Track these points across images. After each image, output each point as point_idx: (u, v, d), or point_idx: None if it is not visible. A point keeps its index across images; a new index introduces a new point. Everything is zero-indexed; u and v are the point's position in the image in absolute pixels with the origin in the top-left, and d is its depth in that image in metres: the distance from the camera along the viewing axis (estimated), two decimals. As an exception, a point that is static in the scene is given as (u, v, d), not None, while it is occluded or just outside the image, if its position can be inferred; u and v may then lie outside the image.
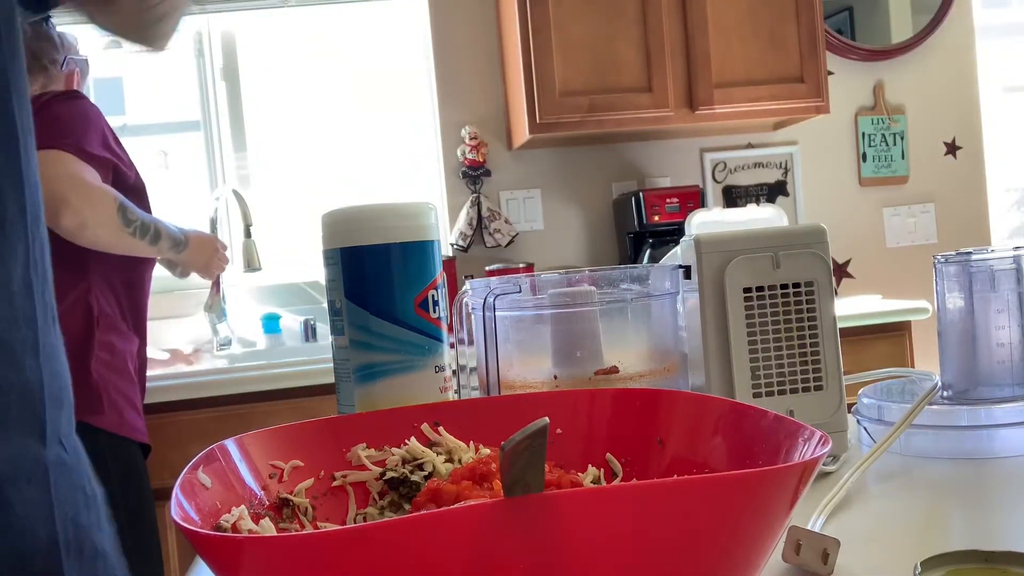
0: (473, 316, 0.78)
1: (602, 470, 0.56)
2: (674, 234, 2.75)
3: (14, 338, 0.46)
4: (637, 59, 2.65)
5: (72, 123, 1.68)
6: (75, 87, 1.88)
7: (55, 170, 1.62)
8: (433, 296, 0.71)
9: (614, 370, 0.74)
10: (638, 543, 0.35)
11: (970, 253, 0.83)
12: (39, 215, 0.51)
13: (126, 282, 1.82)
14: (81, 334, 1.71)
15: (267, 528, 0.48)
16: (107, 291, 1.77)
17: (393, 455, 0.56)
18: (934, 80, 3.17)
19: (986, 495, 0.68)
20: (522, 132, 2.71)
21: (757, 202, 3.04)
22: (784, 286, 0.76)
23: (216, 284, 2.46)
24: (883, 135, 3.14)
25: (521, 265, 2.83)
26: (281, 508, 0.51)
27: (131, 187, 1.80)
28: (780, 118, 2.81)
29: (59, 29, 1.92)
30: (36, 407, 0.46)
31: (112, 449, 1.69)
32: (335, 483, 0.54)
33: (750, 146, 3.09)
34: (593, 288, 0.76)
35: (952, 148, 3.19)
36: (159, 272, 1.96)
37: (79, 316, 1.71)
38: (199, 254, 1.92)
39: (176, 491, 0.42)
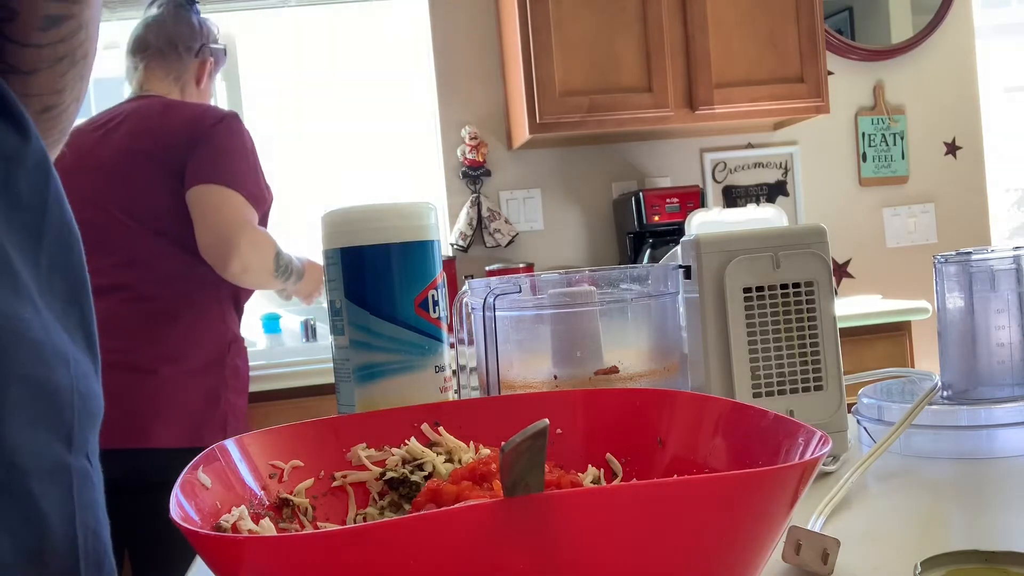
0: (473, 316, 0.78)
1: (602, 470, 0.56)
2: (674, 234, 2.75)
3: (46, 341, 0.46)
4: (637, 59, 2.65)
5: (236, 158, 1.68)
6: (206, 77, 1.87)
7: (228, 214, 1.62)
8: (433, 296, 0.71)
9: (614, 370, 0.74)
10: (638, 543, 0.35)
11: (970, 253, 0.83)
12: (65, 238, 0.51)
13: (243, 301, 1.83)
14: (218, 359, 1.71)
15: (267, 528, 0.48)
16: (233, 312, 1.78)
17: (393, 455, 0.56)
18: (934, 80, 3.17)
19: (986, 495, 0.68)
20: (522, 132, 2.71)
21: (757, 202, 3.04)
22: (784, 286, 0.76)
23: None
24: (883, 135, 3.14)
25: (521, 265, 2.83)
26: (281, 508, 0.51)
27: (269, 206, 1.80)
28: (780, 118, 2.81)
29: (202, 16, 1.89)
30: (65, 412, 0.46)
31: None
32: (335, 483, 0.54)
33: (750, 146, 3.09)
34: (593, 288, 0.76)
35: (952, 148, 3.19)
36: None
37: (217, 340, 1.71)
38: (308, 283, 1.91)
39: (176, 491, 0.42)
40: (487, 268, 2.79)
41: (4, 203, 0.46)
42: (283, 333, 2.79)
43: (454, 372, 0.77)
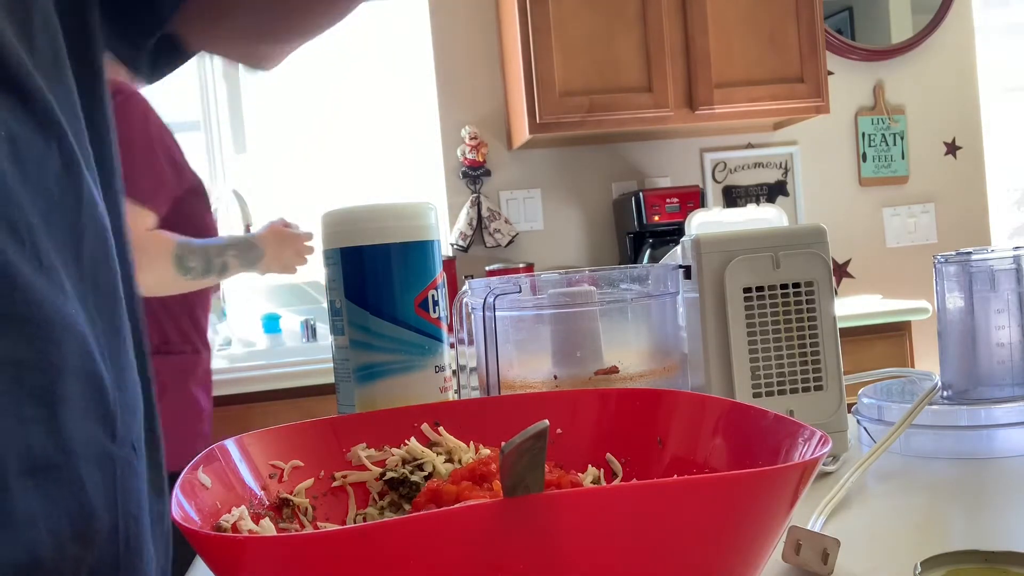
0: (473, 316, 0.78)
1: (602, 470, 0.56)
2: (674, 234, 2.75)
3: (89, 335, 0.47)
4: (637, 59, 2.65)
5: (127, 147, 1.59)
6: None
7: None
8: (433, 296, 0.71)
9: (614, 370, 0.74)
10: (638, 543, 0.35)
11: (970, 253, 0.83)
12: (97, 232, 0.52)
13: (203, 316, 1.71)
14: (166, 393, 1.60)
15: (267, 528, 0.48)
16: (189, 330, 1.66)
17: (393, 455, 0.56)
18: (934, 80, 3.17)
19: (986, 495, 0.68)
20: (522, 132, 2.71)
21: (757, 202, 3.04)
22: (784, 286, 0.76)
23: (216, 284, 2.46)
24: (883, 135, 3.14)
25: (521, 265, 2.83)
26: (281, 508, 0.51)
27: (191, 189, 1.67)
28: (780, 118, 2.81)
29: None
30: (106, 402, 0.48)
31: None
32: (335, 483, 0.54)
33: (750, 146, 3.09)
34: (593, 288, 0.76)
35: (952, 148, 3.19)
36: None
37: (162, 372, 1.58)
38: (275, 256, 1.75)
39: (176, 491, 0.42)
40: (487, 268, 2.79)
41: (44, 204, 0.47)
42: (283, 333, 2.79)
43: (454, 372, 0.77)
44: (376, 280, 0.70)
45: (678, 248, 0.82)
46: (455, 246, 2.89)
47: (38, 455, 0.43)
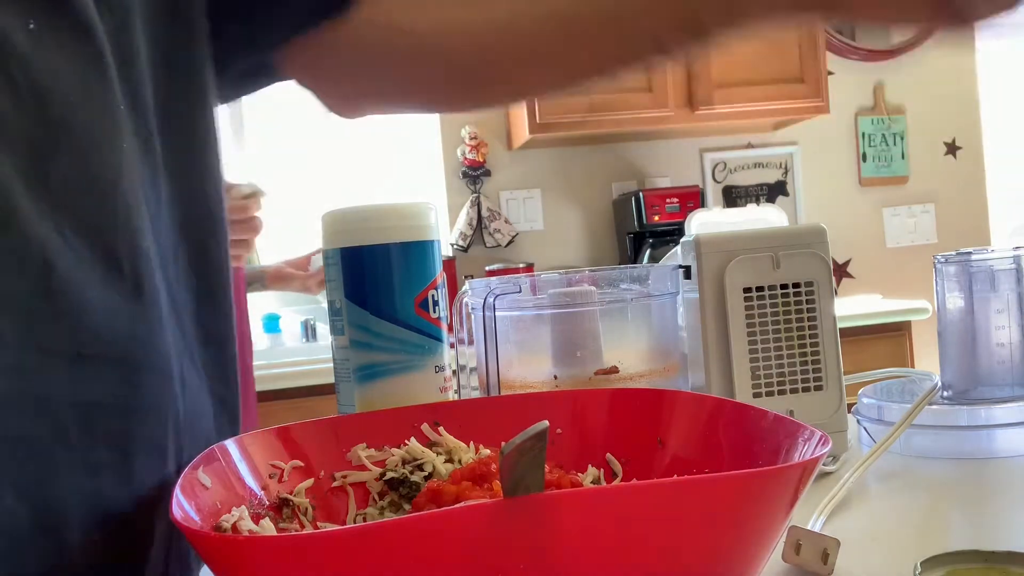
0: (473, 316, 0.78)
1: (602, 470, 0.56)
2: (674, 234, 2.75)
3: (167, 367, 0.46)
4: (637, 59, 2.64)
5: None
6: None
7: None
8: (433, 296, 0.71)
9: (614, 370, 0.74)
10: (638, 543, 0.35)
11: (970, 253, 0.83)
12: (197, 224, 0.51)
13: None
14: None
15: (267, 528, 0.48)
16: None
17: (393, 455, 0.56)
18: (934, 80, 3.17)
19: (986, 495, 0.68)
20: (522, 132, 2.71)
21: (757, 202, 3.04)
22: (784, 286, 0.76)
23: None
24: (883, 135, 3.14)
25: (521, 265, 2.83)
26: (281, 508, 0.51)
27: None
28: (780, 118, 2.81)
29: None
30: (172, 435, 0.47)
31: None
32: (335, 483, 0.54)
33: (750, 146, 3.09)
34: (593, 288, 0.76)
35: (952, 148, 3.19)
36: None
37: None
38: (278, 288, 1.82)
39: (176, 491, 0.42)
40: (487, 268, 2.79)
41: (159, 222, 0.46)
42: (283, 333, 2.79)
43: (454, 372, 0.77)
44: (376, 280, 0.70)
45: (678, 248, 0.82)
46: (455, 246, 2.89)
47: (110, 506, 0.41)
